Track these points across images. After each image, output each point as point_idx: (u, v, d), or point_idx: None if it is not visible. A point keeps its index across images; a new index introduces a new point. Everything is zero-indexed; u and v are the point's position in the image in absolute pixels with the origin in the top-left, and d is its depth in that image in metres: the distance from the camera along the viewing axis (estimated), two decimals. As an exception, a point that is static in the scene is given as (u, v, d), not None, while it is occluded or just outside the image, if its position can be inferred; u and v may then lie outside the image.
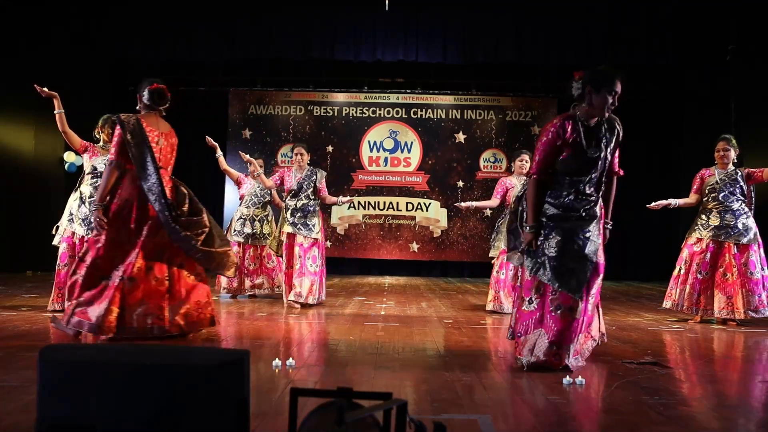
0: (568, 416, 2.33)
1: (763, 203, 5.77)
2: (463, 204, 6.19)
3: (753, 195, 5.22)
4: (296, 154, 6.03)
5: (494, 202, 6.05)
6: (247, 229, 6.42)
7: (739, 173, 5.15)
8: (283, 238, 5.80)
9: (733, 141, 5.25)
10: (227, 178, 10.68)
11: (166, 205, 3.63)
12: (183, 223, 3.70)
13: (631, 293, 8.04)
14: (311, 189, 5.90)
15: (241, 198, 6.64)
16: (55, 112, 4.93)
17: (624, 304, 6.56)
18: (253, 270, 6.41)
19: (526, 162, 5.93)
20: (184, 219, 3.72)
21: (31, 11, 8.86)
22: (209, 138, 6.23)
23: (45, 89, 4.86)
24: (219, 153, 6.35)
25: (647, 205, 5.43)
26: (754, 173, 5.12)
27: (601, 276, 3.23)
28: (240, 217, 6.51)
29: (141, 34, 9.50)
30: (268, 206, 6.67)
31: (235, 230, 6.45)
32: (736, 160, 5.24)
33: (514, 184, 5.92)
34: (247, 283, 6.35)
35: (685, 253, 5.29)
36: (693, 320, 5.20)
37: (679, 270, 5.29)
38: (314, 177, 5.95)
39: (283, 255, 5.80)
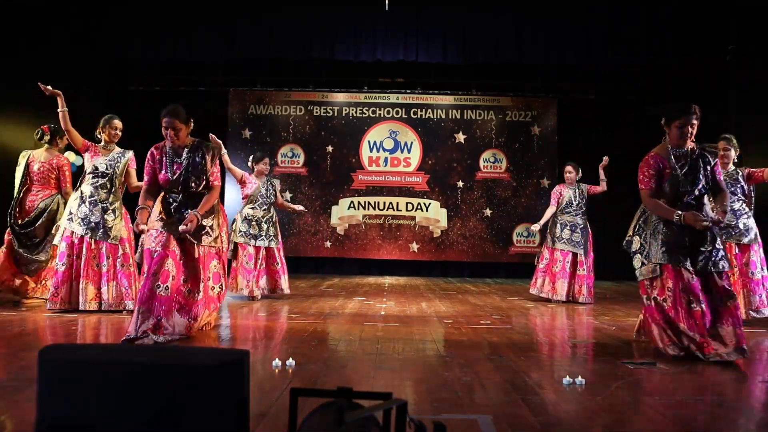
0: (568, 416, 2.33)
1: (763, 203, 5.77)
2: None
3: (753, 195, 5.22)
4: (165, 128, 3.92)
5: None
6: (253, 231, 6.31)
7: (740, 173, 5.15)
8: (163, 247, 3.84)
9: (734, 141, 5.25)
10: (227, 177, 10.70)
11: (11, 214, 5.42)
12: (17, 230, 5.38)
13: (631, 293, 8.03)
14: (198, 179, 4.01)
15: (245, 198, 6.51)
16: (58, 110, 4.96)
17: (624, 304, 6.56)
18: (258, 271, 6.30)
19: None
20: (19, 227, 5.38)
21: (31, 11, 8.86)
22: (213, 136, 6.14)
23: (49, 87, 4.88)
24: (224, 151, 6.20)
25: None
26: (755, 173, 5.11)
27: None
28: (245, 218, 6.36)
29: (141, 34, 9.50)
30: (273, 207, 6.56)
31: (240, 231, 6.31)
32: (736, 160, 5.23)
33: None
34: (251, 284, 6.22)
35: None
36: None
37: None
38: (201, 158, 3.95)
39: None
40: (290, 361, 3.03)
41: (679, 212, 3.47)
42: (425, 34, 9.71)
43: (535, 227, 6.93)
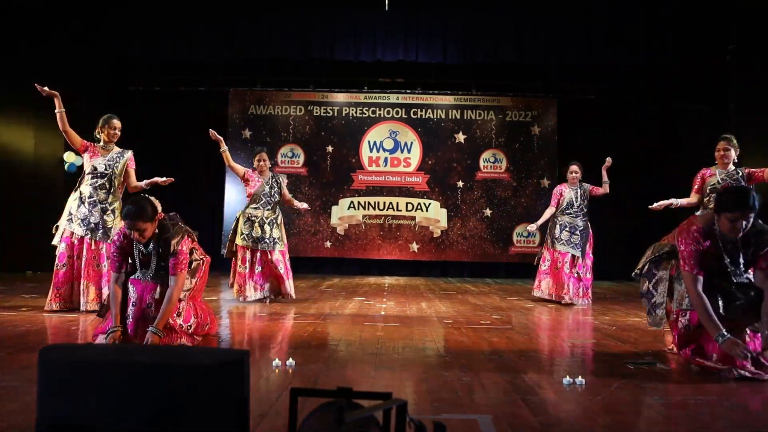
0: (568, 416, 2.33)
1: (762, 203, 5.75)
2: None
3: (753, 195, 5.20)
4: (128, 229, 3.49)
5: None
6: (255, 233, 5.93)
7: (740, 173, 5.13)
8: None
9: (734, 141, 5.24)
10: (227, 177, 10.69)
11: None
12: None
13: (631, 293, 8.04)
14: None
15: (249, 196, 6.11)
16: (55, 111, 4.94)
17: (624, 304, 6.56)
18: (258, 274, 5.94)
19: None
20: None
21: (31, 11, 8.86)
22: (213, 131, 5.92)
23: (46, 88, 4.87)
24: (224, 148, 5.97)
25: (649, 206, 5.39)
26: (755, 173, 5.10)
27: None
28: (248, 219, 5.99)
29: (141, 34, 9.51)
30: (278, 207, 6.16)
31: (242, 233, 5.97)
32: (736, 160, 5.22)
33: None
34: (253, 288, 5.92)
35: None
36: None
37: None
38: (164, 248, 3.59)
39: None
40: (290, 361, 3.03)
41: (724, 335, 3.02)
42: (425, 34, 9.71)
43: (532, 227, 6.86)
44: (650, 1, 9.36)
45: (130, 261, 3.65)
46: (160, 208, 3.59)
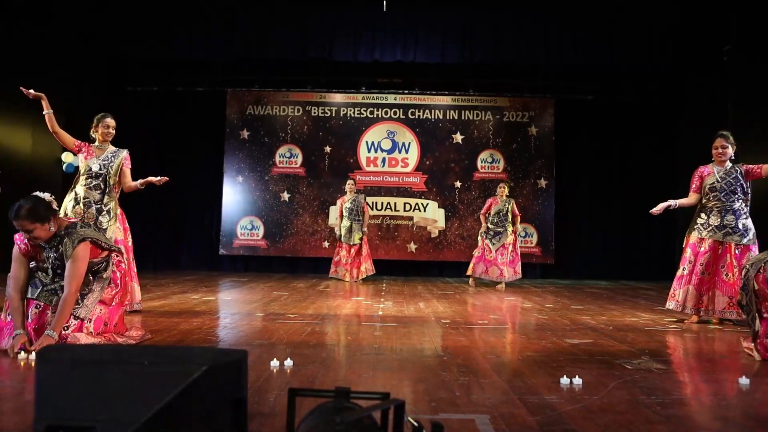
0: (565, 416, 2.33)
1: (760, 203, 5.77)
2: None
3: (750, 192, 5.21)
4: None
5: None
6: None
7: (738, 170, 5.12)
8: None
9: (731, 137, 5.22)
10: (225, 177, 10.68)
11: None
12: None
13: (629, 293, 8.05)
14: None
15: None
16: (43, 113, 4.86)
17: (621, 304, 6.57)
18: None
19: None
20: None
21: (30, 11, 8.85)
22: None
23: (32, 91, 4.78)
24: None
25: (650, 211, 5.38)
26: (753, 170, 5.10)
27: None
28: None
29: (139, 34, 9.51)
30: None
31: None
32: (733, 157, 5.22)
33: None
34: None
35: (688, 253, 5.23)
36: (689, 320, 5.17)
37: (683, 270, 5.25)
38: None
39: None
40: (288, 362, 3.03)
41: None
42: (423, 35, 9.73)
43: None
44: (650, 2, 9.38)
45: (32, 264, 3.41)
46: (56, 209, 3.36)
